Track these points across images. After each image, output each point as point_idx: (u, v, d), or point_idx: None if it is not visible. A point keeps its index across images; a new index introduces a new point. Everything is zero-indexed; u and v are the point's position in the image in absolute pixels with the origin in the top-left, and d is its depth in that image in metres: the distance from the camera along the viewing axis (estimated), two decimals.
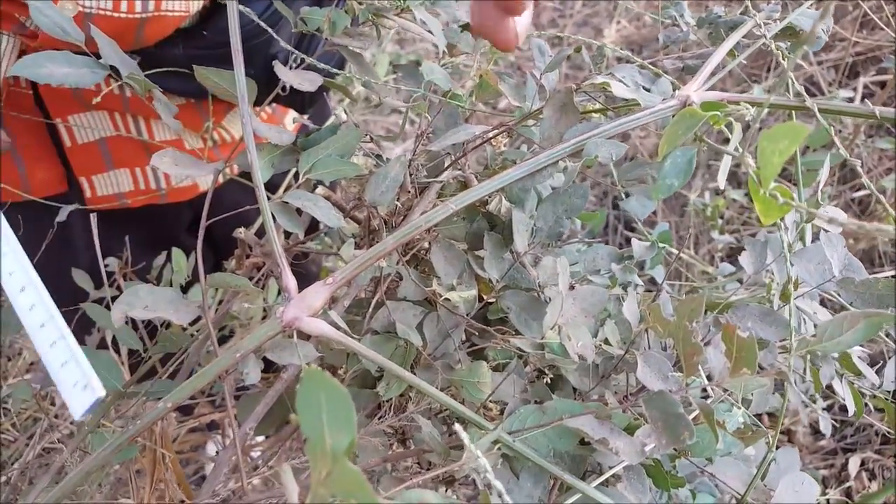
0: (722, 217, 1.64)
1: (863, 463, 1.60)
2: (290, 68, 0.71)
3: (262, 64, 0.76)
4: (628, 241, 2.04)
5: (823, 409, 0.79)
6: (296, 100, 0.76)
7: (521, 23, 0.42)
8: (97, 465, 0.37)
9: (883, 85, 2.01)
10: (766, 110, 0.34)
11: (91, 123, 0.76)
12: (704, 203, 1.45)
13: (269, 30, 0.49)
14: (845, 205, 1.90)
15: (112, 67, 0.42)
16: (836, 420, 1.48)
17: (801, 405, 0.76)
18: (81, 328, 0.83)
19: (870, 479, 1.58)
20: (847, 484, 1.55)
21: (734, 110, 0.35)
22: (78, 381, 0.39)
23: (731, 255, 1.73)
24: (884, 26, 0.88)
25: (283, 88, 0.73)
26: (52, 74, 0.40)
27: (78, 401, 0.39)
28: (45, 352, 0.41)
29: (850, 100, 1.87)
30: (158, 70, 0.60)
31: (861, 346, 0.52)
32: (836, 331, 0.33)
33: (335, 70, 0.49)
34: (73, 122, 0.76)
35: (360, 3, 0.43)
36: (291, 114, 0.96)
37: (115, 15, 0.61)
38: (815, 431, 1.61)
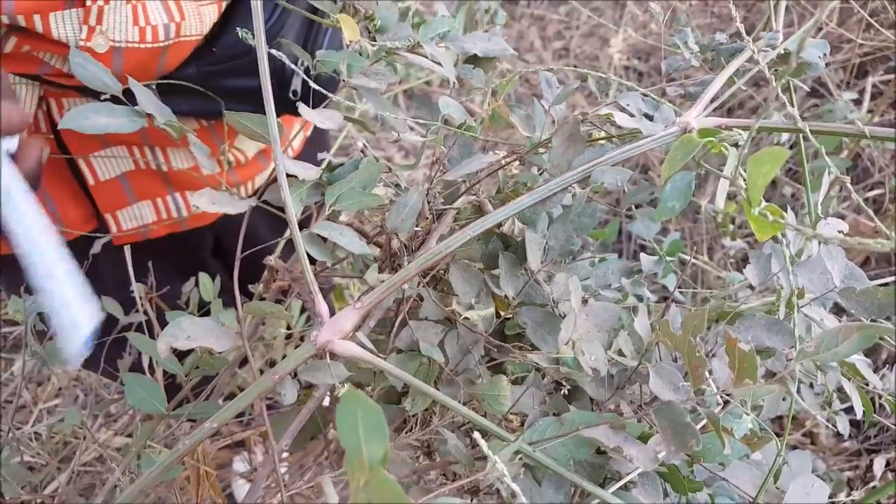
0: (733, 222, 1.66)
1: (888, 463, 1.59)
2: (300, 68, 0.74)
3: (273, 72, 0.79)
4: (643, 247, 2.05)
5: (842, 410, 0.80)
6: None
7: None
8: (150, 483, 0.40)
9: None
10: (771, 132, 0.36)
11: (111, 155, 0.80)
12: (716, 210, 1.47)
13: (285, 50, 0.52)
14: (858, 204, 1.91)
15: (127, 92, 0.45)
16: (859, 421, 1.47)
17: (817, 408, 0.78)
18: (114, 351, 0.86)
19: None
20: (872, 484, 1.54)
21: (729, 135, 0.38)
22: (70, 324, 0.43)
23: (745, 259, 1.74)
24: (882, 29, 0.90)
25: (294, 93, 0.76)
26: (95, 125, 0.44)
27: (72, 341, 0.43)
28: (47, 300, 0.44)
29: (857, 101, 1.87)
30: (168, 82, 0.64)
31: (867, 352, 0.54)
32: (832, 342, 0.35)
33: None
34: (94, 159, 0.79)
35: (373, 44, 0.46)
36: (296, 128, 0.99)
37: (142, 46, 0.64)
38: (839, 433, 1.61)
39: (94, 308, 0.44)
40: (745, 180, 0.33)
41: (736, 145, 0.36)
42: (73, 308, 0.42)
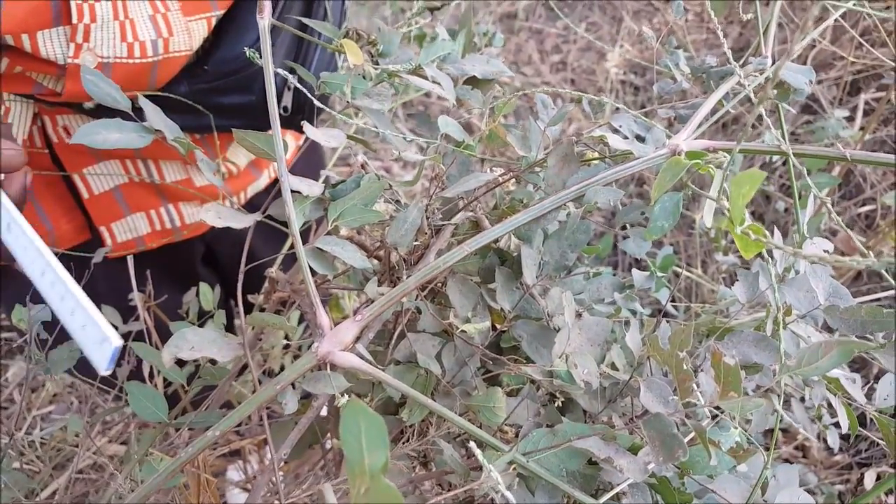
0: (725, 237, 1.68)
1: (878, 477, 1.60)
2: (289, 87, 0.75)
3: (262, 88, 0.80)
4: (638, 260, 2.07)
5: (832, 424, 0.81)
6: (295, 121, 0.80)
7: None
8: (152, 490, 0.41)
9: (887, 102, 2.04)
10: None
11: (105, 171, 0.81)
12: (708, 226, 1.49)
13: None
14: (851, 220, 1.93)
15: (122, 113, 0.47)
16: (851, 435, 1.48)
17: (808, 422, 0.79)
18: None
19: (886, 494, 1.58)
20: None
21: (715, 157, 0.39)
22: (96, 339, 0.44)
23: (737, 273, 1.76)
24: (872, 49, 0.92)
25: (285, 109, 0.78)
26: (106, 140, 0.45)
27: (100, 355, 0.43)
28: (67, 320, 0.46)
29: (850, 118, 1.90)
30: (161, 94, 0.64)
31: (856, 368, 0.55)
32: (812, 357, 0.37)
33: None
34: (88, 173, 0.80)
35: (376, 68, 0.47)
36: (288, 139, 1.00)
37: (130, 61, 0.66)
38: (830, 447, 1.62)
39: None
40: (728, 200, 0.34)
41: (721, 167, 0.38)
42: (100, 322, 0.43)
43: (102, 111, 0.52)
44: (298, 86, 0.48)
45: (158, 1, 0.66)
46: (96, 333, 0.44)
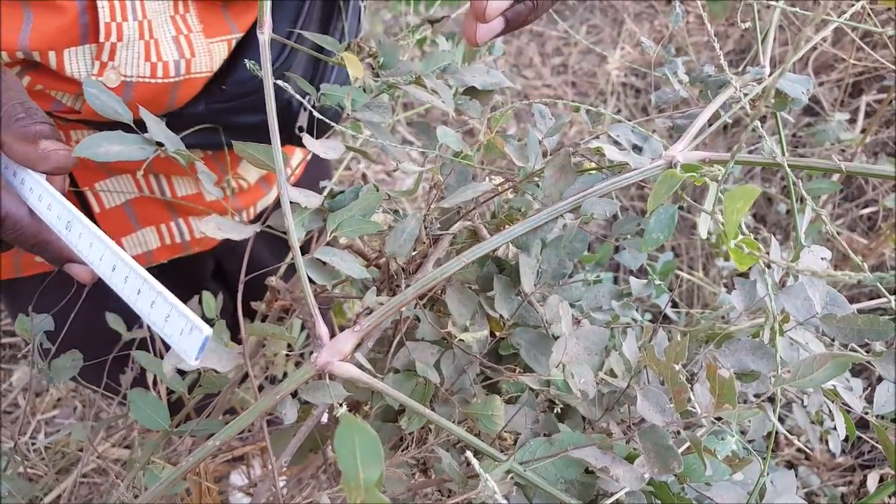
0: None
1: (881, 479, 1.60)
2: (304, 109, 0.76)
3: (276, 108, 0.81)
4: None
5: (833, 428, 0.82)
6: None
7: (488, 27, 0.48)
8: (154, 498, 0.41)
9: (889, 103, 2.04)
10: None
11: (116, 187, 0.81)
12: (709, 231, 1.49)
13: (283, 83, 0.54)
14: (853, 222, 1.93)
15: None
16: (850, 440, 1.48)
17: (809, 427, 0.79)
18: (116, 367, 0.88)
19: (890, 496, 1.58)
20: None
21: (710, 170, 0.40)
22: (183, 328, 0.42)
23: (741, 275, 1.76)
24: (871, 52, 0.92)
25: (300, 129, 0.78)
26: (108, 153, 0.45)
27: (188, 345, 0.42)
28: (147, 313, 0.44)
29: (852, 121, 1.90)
30: (189, 130, 0.65)
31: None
32: (807, 370, 0.37)
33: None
34: (99, 188, 0.81)
35: (376, 80, 0.48)
36: (297, 155, 1.01)
37: (153, 81, 0.66)
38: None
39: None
40: (722, 213, 0.34)
41: (716, 179, 0.38)
42: (185, 311, 0.42)
43: (118, 129, 0.53)
44: (311, 109, 0.48)
45: (181, 22, 0.67)
46: (182, 323, 0.42)
